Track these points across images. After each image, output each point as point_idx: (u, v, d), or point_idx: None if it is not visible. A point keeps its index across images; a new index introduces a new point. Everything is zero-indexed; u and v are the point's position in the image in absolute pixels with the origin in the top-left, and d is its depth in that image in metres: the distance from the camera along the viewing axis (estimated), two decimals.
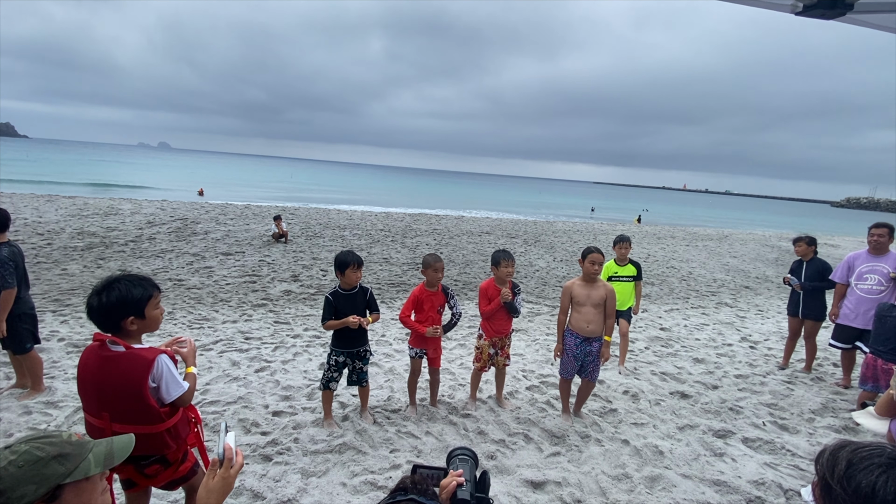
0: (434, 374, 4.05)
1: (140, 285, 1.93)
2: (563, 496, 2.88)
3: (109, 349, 1.87)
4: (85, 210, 14.29)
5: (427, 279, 3.84)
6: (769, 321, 8.29)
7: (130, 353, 1.87)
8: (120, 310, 1.87)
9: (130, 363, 1.85)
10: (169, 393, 1.92)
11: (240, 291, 7.95)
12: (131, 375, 1.85)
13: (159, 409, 1.90)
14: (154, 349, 1.93)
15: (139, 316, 1.91)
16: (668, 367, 5.50)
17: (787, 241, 21.90)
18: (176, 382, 1.94)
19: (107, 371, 1.86)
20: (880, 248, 4.77)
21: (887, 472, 1.02)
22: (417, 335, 3.82)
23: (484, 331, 4.09)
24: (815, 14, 1.46)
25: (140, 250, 10.29)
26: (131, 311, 1.89)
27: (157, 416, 1.89)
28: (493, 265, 3.97)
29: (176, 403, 1.96)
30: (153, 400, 1.88)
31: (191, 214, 15.25)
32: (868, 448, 1.06)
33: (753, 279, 12.69)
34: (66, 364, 4.56)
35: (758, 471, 3.34)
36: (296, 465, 3.06)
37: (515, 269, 4.00)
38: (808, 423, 4.22)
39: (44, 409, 3.62)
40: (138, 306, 1.90)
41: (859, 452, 1.07)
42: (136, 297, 1.89)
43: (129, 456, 1.96)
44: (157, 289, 2.01)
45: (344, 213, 20.05)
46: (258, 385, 4.33)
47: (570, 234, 18.70)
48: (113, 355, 1.86)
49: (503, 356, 4.13)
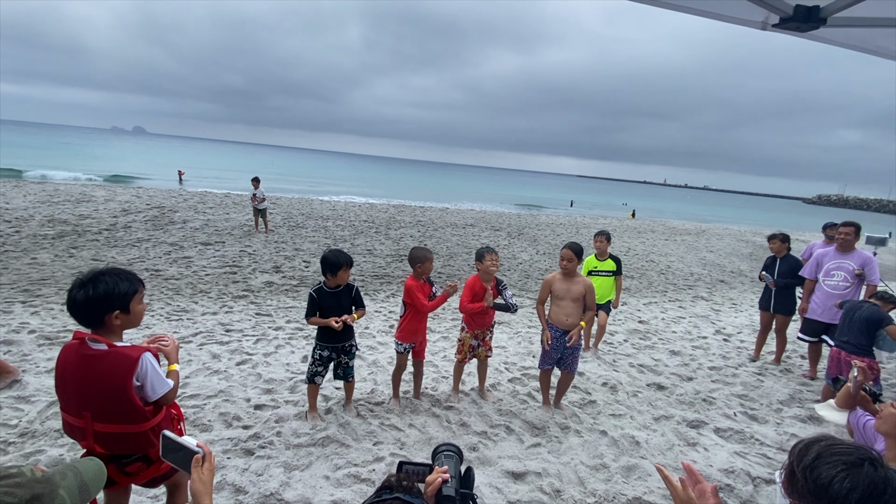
0: (418, 366, 4.08)
1: (127, 279, 1.88)
2: (542, 486, 2.95)
3: (91, 347, 1.82)
4: (56, 196, 13.81)
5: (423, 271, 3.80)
6: (742, 314, 8.56)
7: (114, 352, 1.82)
8: (105, 304, 1.82)
9: (114, 362, 1.81)
10: (154, 391, 1.89)
11: (220, 282, 7.82)
12: (115, 374, 1.81)
13: (144, 407, 1.87)
14: (137, 347, 1.89)
15: (124, 311, 1.86)
16: (646, 359, 5.64)
17: (762, 237, 22.55)
18: (161, 380, 1.91)
19: (89, 370, 1.81)
20: (847, 246, 4.96)
21: (849, 471, 1.07)
22: (408, 330, 3.82)
23: (466, 324, 4.12)
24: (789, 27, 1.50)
25: (115, 239, 10.01)
26: (117, 306, 1.84)
27: (143, 414, 1.86)
28: (478, 260, 3.98)
29: (160, 402, 1.93)
30: (138, 399, 1.85)
31: (168, 202, 14.88)
32: (842, 446, 1.11)
33: (728, 273, 13.06)
34: (37, 357, 4.44)
35: (728, 459, 3.47)
36: (278, 458, 3.05)
37: (500, 261, 4.03)
38: (776, 413, 4.39)
39: (14, 405, 3.52)
40: (124, 300, 1.85)
41: (832, 448, 1.12)
42: (122, 290, 1.84)
43: (111, 455, 1.93)
44: (141, 283, 1.96)
45: (327, 204, 19.83)
46: (239, 378, 4.29)
47: (553, 228, 18.90)
48: (95, 353, 1.82)
49: (485, 347, 4.18)
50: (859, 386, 2.33)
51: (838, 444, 1.14)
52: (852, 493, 1.04)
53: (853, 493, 1.04)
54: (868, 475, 1.05)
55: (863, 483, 1.04)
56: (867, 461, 1.08)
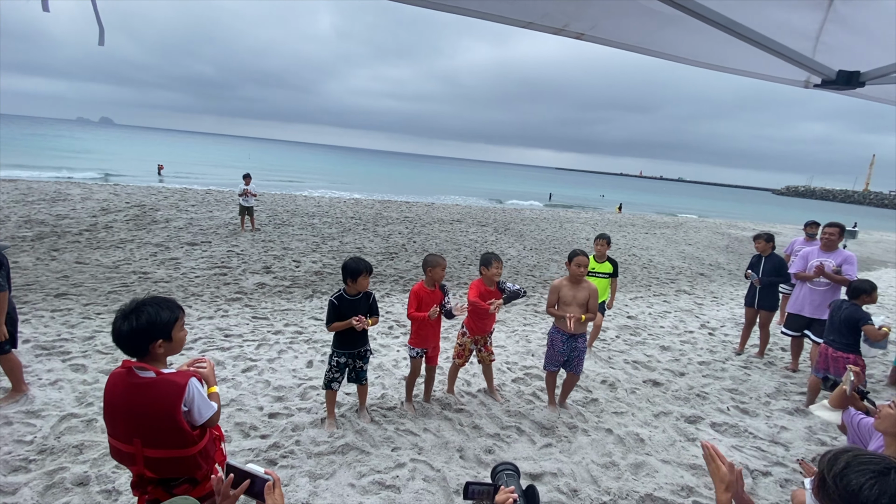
0: (430, 371, 4.17)
1: (168, 307, 1.92)
2: (559, 486, 3.10)
3: (139, 375, 1.85)
4: (29, 195, 13.28)
5: (433, 277, 3.88)
6: (724, 308, 8.92)
7: (162, 379, 1.86)
8: (148, 334, 1.85)
9: (163, 389, 1.85)
10: (201, 415, 1.93)
11: (211, 285, 7.72)
12: (165, 401, 1.84)
13: (192, 431, 1.91)
14: (183, 373, 1.93)
15: (167, 339, 1.90)
16: (639, 355, 5.87)
17: (736, 229, 23.34)
18: (206, 404, 1.95)
19: (138, 398, 1.84)
20: (831, 245, 5.25)
21: (877, 478, 1.21)
22: (419, 335, 3.90)
23: (468, 328, 4.22)
24: (830, 88, 1.64)
25: (97, 240, 9.74)
26: (159, 335, 1.87)
27: (191, 439, 1.91)
28: (484, 265, 4.07)
29: (206, 424, 1.98)
30: (186, 424, 1.89)
31: (148, 200, 14.49)
32: (868, 455, 1.25)
33: (707, 266, 13.53)
34: (37, 368, 4.35)
35: (726, 454, 3.67)
36: (302, 468, 3.11)
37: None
38: (765, 406, 4.66)
39: (25, 420, 3.47)
40: (166, 329, 1.89)
41: (859, 458, 1.26)
42: (164, 320, 1.88)
43: (160, 478, 1.97)
44: (181, 310, 2.00)
45: (311, 200, 19.60)
46: (248, 386, 4.30)
47: (538, 223, 19.14)
48: (143, 382, 1.85)
49: (486, 352, 4.30)
50: (854, 387, 2.53)
51: (865, 454, 1.28)
52: (881, 499, 1.18)
53: (882, 498, 1.18)
54: (895, 482, 1.19)
55: (891, 489, 1.18)
56: (893, 469, 1.22)
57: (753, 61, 1.66)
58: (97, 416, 3.58)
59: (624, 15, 1.45)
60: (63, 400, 3.82)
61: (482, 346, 4.27)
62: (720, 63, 1.73)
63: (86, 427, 3.44)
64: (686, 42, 1.60)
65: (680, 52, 1.66)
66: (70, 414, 3.59)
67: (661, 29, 1.52)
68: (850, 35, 1.58)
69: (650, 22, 1.47)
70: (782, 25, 1.54)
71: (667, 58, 1.67)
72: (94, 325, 5.60)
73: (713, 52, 1.64)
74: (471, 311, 4.06)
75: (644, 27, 1.52)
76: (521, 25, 1.44)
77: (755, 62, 1.67)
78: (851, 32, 1.57)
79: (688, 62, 1.69)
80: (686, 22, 1.40)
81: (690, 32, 1.48)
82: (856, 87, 1.64)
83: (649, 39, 1.58)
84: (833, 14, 1.55)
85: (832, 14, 1.55)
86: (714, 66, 1.73)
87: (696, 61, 1.71)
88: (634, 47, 1.58)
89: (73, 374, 4.33)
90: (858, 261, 5.93)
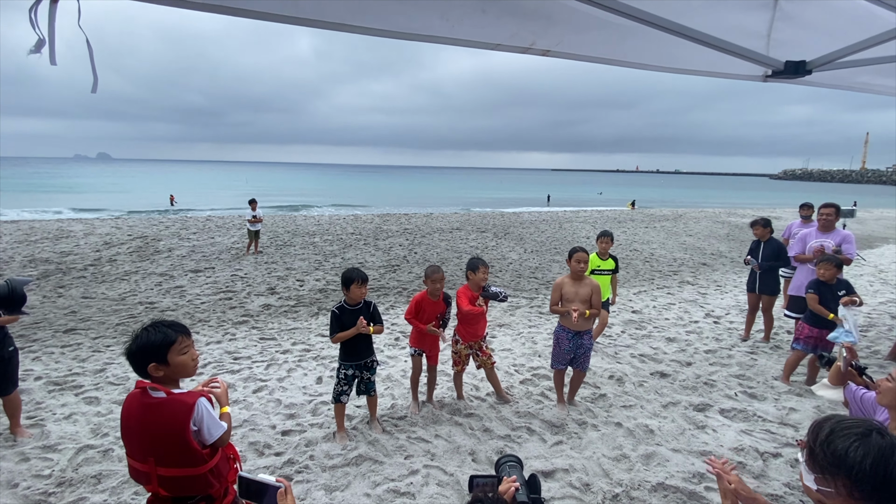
0: (431, 371, 4.23)
1: (161, 331, 1.95)
2: (572, 482, 3.13)
3: (151, 395, 1.92)
4: (32, 235, 13.44)
5: (429, 289, 3.98)
6: (727, 295, 8.94)
7: (171, 399, 1.92)
8: (141, 357, 1.92)
9: (172, 409, 1.91)
10: (211, 434, 1.97)
11: (217, 309, 7.80)
12: (174, 421, 1.90)
13: (202, 451, 1.96)
14: (193, 393, 1.98)
15: (161, 362, 1.93)
16: (645, 348, 5.90)
17: (736, 217, 23.36)
18: (216, 423, 1.99)
19: (149, 417, 1.91)
20: (828, 226, 5.30)
21: (860, 440, 1.26)
22: (417, 336, 4.05)
23: (460, 336, 4.27)
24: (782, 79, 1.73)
25: (102, 274, 9.85)
26: (152, 359, 1.92)
27: (201, 458, 1.95)
28: (471, 270, 4.09)
29: (216, 444, 2.01)
30: (196, 443, 1.93)
31: (150, 231, 14.64)
32: (850, 420, 1.31)
33: (709, 256, 13.55)
34: (51, 404, 4.42)
35: (736, 438, 3.72)
36: (317, 481, 3.15)
37: (491, 262, 4.24)
38: (773, 389, 4.68)
39: (42, 455, 3.52)
40: (158, 353, 1.92)
41: (842, 423, 1.31)
42: (155, 343, 1.91)
43: (175, 497, 2.02)
44: (182, 333, 2.01)
45: (311, 219, 19.76)
46: (260, 406, 4.35)
47: (537, 225, 19.22)
48: (154, 402, 1.91)
49: (485, 356, 4.30)
50: (848, 364, 2.58)
51: (847, 420, 1.34)
52: (866, 459, 1.23)
53: (867, 458, 1.23)
54: (877, 442, 1.24)
55: (874, 450, 1.23)
56: (875, 431, 1.27)
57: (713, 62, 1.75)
58: (113, 445, 3.63)
59: (587, 30, 1.53)
60: (78, 433, 3.88)
61: (478, 350, 4.30)
62: (683, 66, 1.82)
63: (102, 457, 3.49)
64: (648, 50, 1.68)
65: (644, 60, 1.74)
66: (86, 446, 3.64)
67: (624, 40, 1.60)
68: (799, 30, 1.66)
69: (612, 34, 1.55)
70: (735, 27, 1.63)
71: (632, 66, 1.76)
72: (104, 357, 5.67)
73: (675, 56, 1.72)
74: (461, 317, 4.13)
75: (607, 40, 1.60)
76: (490, 48, 1.52)
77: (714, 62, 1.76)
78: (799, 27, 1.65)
79: (652, 68, 1.78)
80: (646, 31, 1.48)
81: (651, 41, 1.56)
82: (804, 74, 1.73)
83: (613, 50, 1.67)
84: (780, 13, 1.64)
85: (779, 13, 1.64)
86: (677, 69, 1.82)
87: (660, 67, 1.80)
88: (600, 59, 1.66)
89: (86, 406, 4.39)
90: (860, 239, 5.99)
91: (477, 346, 4.26)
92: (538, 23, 1.48)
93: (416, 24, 1.44)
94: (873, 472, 1.20)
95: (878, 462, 1.22)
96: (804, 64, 1.72)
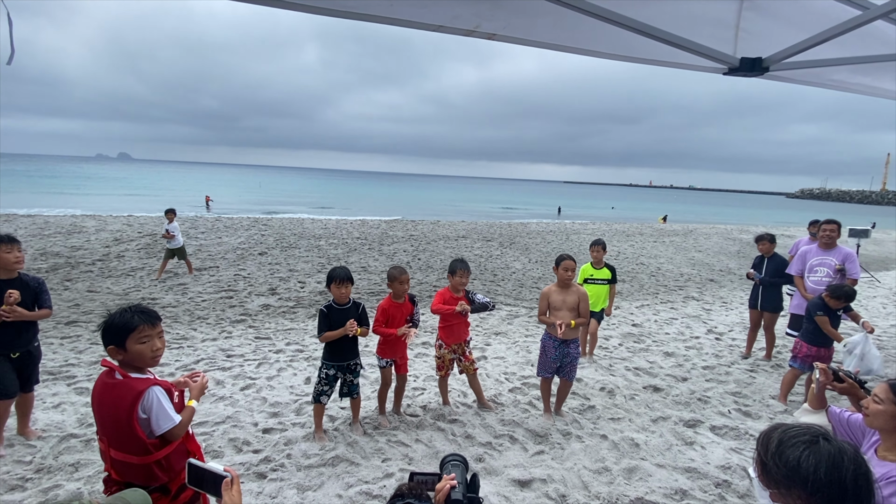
0: (401, 380, 4.17)
1: (125, 317, 1.92)
2: (548, 492, 3.06)
3: (112, 377, 1.93)
4: (46, 229, 13.76)
5: (393, 291, 3.93)
6: (733, 312, 8.76)
7: (124, 383, 1.91)
8: (104, 337, 1.92)
9: (122, 392, 1.89)
10: (159, 425, 1.93)
11: (217, 308, 7.86)
12: (121, 404, 1.88)
13: (147, 440, 1.91)
14: (148, 380, 1.95)
15: (119, 346, 1.91)
16: (641, 362, 5.79)
17: (748, 234, 22.98)
18: (166, 416, 1.94)
19: (105, 397, 1.92)
20: (830, 243, 5.17)
21: (809, 448, 1.22)
22: (386, 345, 3.95)
23: (443, 340, 4.23)
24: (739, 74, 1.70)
25: (108, 269, 10.01)
26: (109, 341, 1.91)
27: (144, 447, 1.91)
28: (450, 273, 4.11)
29: (166, 436, 1.96)
30: (141, 431, 1.90)
31: (160, 230, 14.87)
32: (796, 429, 1.27)
33: (717, 272, 13.32)
34: (42, 393, 4.46)
35: (724, 456, 3.61)
36: (291, 480, 3.13)
37: (494, 271, 4.18)
38: (768, 408, 4.55)
39: (26, 442, 3.56)
40: (116, 338, 1.90)
41: (788, 432, 1.27)
42: (117, 326, 1.90)
43: (125, 483, 2.01)
44: (144, 322, 1.94)
45: (318, 223, 19.92)
46: (245, 403, 4.36)
47: (544, 236, 19.13)
48: (111, 383, 1.92)
49: (467, 361, 4.25)
50: (822, 387, 2.44)
51: (793, 427, 1.30)
52: (819, 468, 1.19)
53: (820, 467, 1.19)
54: (826, 449, 1.20)
55: (825, 457, 1.19)
56: (821, 437, 1.24)
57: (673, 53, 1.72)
58: (96, 436, 3.65)
59: (535, 14, 1.51)
60: (65, 422, 3.91)
61: (461, 355, 4.25)
62: (641, 56, 1.78)
63: (84, 447, 3.52)
64: (604, 38, 1.66)
65: (597, 47, 1.72)
66: (70, 434, 3.68)
67: (576, 26, 1.58)
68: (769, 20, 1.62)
69: (562, 20, 1.53)
70: (701, 17, 1.59)
71: (583, 53, 1.73)
72: (100, 350, 5.72)
73: (632, 46, 1.69)
74: (441, 320, 4.09)
75: (557, 25, 1.58)
76: (431, 29, 1.50)
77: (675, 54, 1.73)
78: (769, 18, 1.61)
79: (605, 56, 1.75)
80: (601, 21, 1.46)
81: (605, 28, 1.54)
82: (761, 72, 1.69)
83: (563, 36, 1.64)
84: (748, 2, 1.60)
85: (747, 2, 1.60)
86: (635, 58, 1.79)
87: (616, 55, 1.77)
88: (549, 45, 1.64)
89: (76, 396, 4.43)
90: (876, 260, 5.84)
91: (460, 350, 4.22)
92: (482, 5, 1.46)
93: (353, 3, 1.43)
94: (828, 480, 1.17)
95: (830, 470, 1.18)
96: (760, 61, 1.68)
